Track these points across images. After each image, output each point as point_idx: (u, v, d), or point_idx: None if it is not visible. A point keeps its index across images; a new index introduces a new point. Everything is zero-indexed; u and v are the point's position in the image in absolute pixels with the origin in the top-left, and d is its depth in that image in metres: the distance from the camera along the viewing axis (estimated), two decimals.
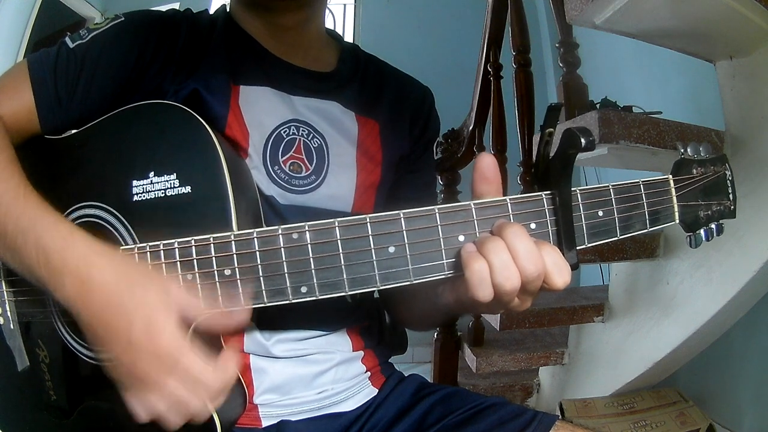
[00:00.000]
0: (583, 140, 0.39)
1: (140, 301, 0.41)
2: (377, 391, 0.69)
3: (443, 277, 0.43)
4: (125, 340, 0.41)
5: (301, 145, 0.63)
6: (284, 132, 0.63)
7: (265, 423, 0.61)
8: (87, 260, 0.43)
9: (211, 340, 0.52)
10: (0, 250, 0.48)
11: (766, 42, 1.10)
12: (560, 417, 0.60)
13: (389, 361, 0.75)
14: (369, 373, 0.69)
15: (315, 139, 0.64)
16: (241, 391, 0.55)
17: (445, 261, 0.43)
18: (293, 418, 0.62)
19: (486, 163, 0.44)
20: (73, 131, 0.58)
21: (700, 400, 1.44)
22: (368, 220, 0.42)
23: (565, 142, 0.41)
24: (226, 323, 0.44)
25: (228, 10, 0.69)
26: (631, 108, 1.42)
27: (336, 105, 0.67)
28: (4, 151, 0.51)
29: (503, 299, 0.41)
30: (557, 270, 0.41)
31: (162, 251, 0.45)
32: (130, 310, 0.41)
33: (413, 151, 0.74)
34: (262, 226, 0.44)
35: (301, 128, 0.64)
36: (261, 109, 0.62)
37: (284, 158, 0.62)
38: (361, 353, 0.69)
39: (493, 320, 1.47)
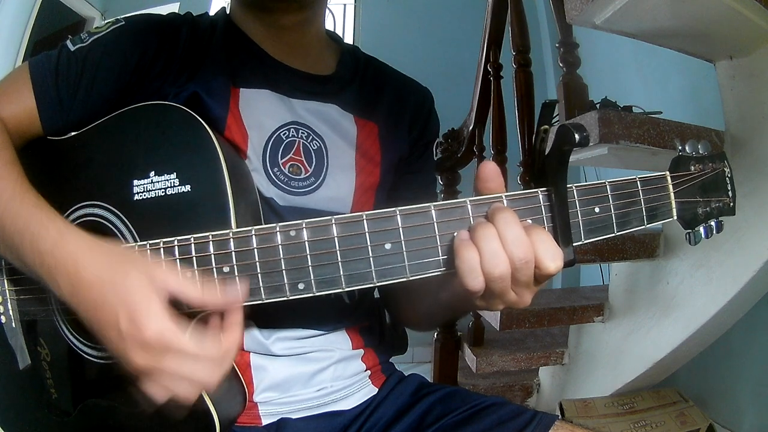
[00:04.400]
0: (577, 136, 0.39)
1: (123, 293, 0.41)
2: (377, 390, 0.69)
3: (439, 273, 0.43)
4: (116, 333, 0.42)
5: (301, 148, 0.63)
6: (284, 134, 0.63)
7: (264, 421, 0.61)
8: (76, 259, 0.43)
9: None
10: (0, 247, 0.49)
11: (766, 42, 1.10)
12: (560, 417, 0.60)
13: (390, 360, 0.75)
14: (369, 372, 0.69)
15: (314, 142, 0.64)
16: (240, 389, 0.55)
17: (441, 258, 0.43)
18: (293, 416, 0.62)
19: (488, 168, 0.45)
20: (75, 132, 0.58)
21: (700, 400, 1.44)
22: (365, 217, 0.42)
23: (560, 138, 0.41)
24: (217, 301, 0.44)
25: (227, 12, 0.69)
26: (631, 108, 1.41)
27: (335, 108, 0.67)
28: (3, 150, 0.51)
29: (494, 287, 0.41)
30: (548, 255, 0.41)
31: (162, 249, 0.46)
32: (115, 303, 0.41)
33: (412, 152, 0.74)
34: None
35: (300, 130, 0.64)
36: (261, 112, 0.63)
37: (284, 160, 0.62)
38: (361, 351, 0.69)
39: (493, 320, 1.47)
